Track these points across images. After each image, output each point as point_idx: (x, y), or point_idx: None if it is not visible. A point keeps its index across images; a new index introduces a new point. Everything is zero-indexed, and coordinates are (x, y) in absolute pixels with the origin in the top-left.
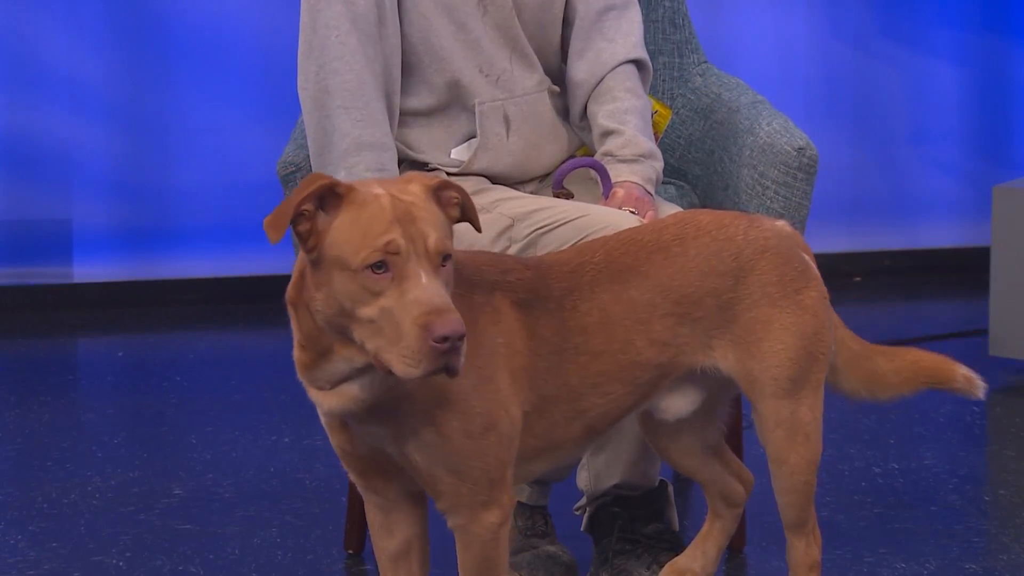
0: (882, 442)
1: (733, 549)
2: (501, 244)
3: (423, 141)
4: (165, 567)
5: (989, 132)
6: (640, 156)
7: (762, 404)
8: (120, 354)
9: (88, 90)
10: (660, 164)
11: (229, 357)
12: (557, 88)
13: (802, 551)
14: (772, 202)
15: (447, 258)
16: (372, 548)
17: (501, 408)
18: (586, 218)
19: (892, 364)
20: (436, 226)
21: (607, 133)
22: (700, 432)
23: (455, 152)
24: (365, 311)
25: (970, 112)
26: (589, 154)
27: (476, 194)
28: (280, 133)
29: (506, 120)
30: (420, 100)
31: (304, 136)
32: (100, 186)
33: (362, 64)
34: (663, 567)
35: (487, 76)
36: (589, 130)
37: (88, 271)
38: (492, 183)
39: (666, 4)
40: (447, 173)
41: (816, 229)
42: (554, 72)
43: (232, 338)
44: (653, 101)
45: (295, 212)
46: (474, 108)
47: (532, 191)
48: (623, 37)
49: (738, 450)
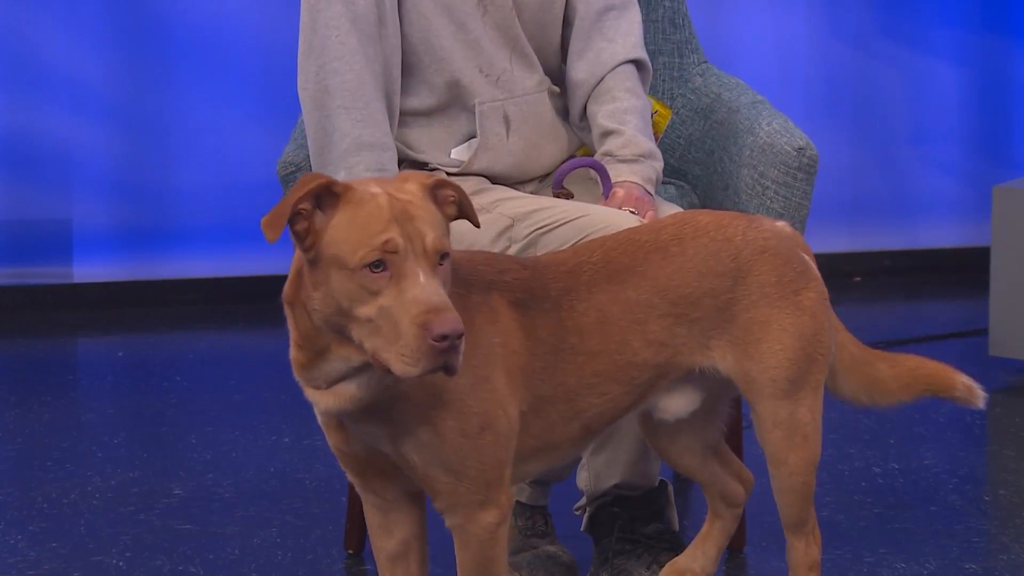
0: (882, 442)
1: (733, 549)
2: (501, 244)
3: (423, 141)
4: (165, 567)
5: (989, 132)
6: (640, 156)
7: (760, 405)
8: (120, 354)
9: (88, 90)
10: (660, 164)
11: (229, 357)
12: (557, 88)
13: (802, 551)
14: (772, 202)
15: (445, 257)
16: (372, 548)
17: (498, 408)
18: (586, 218)
19: (892, 370)
20: (434, 225)
21: (607, 133)
22: (700, 432)
23: (455, 152)
24: (363, 310)
25: (970, 112)
26: (589, 154)
27: (476, 194)
28: (280, 133)
29: (506, 120)
30: (420, 100)
31: (304, 136)
32: (100, 186)
33: (362, 64)
34: (663, 567)
35: (487, 76)
36: (589, 130)
37: (88, 271)
38: (492, 183)
39: (666, 4)
40: (447, 173)
41: (816, 229)
42: (554, 72)
43: (232, 338)
44: (653, 101)
45: (292, 211)
46: (474, 108)
47: (532, 191)
48: (623, 37)
49: (738, 450)
